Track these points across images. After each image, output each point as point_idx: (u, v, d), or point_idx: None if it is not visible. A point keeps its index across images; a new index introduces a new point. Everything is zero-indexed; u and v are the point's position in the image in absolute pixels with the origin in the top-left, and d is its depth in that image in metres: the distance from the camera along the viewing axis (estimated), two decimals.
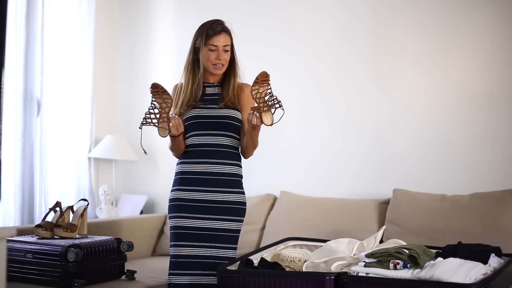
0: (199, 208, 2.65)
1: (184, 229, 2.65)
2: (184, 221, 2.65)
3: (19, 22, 3.77)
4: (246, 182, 2.90)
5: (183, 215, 2.65)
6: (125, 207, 4.26)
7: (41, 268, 2.73)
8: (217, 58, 2.66)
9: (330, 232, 3.24)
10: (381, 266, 2.27)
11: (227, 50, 2.69)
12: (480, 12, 3.29)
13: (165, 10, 4.42)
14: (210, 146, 2.68)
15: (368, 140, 3.59)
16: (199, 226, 2.64)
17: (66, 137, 4.11)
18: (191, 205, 2.65)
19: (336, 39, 3.72)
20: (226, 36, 2.69)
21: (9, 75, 3.72)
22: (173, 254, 2.66)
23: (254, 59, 3.94)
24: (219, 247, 2.64)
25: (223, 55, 2.67)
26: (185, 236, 2.64)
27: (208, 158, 2.66)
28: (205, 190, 2.65)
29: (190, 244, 2.63)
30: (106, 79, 4.50)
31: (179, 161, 2.74)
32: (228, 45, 2.69)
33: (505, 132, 3.20)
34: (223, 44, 2.66)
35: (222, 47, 2.66)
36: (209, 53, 2.66)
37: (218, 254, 2.64)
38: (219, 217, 2.65)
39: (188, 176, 2.68)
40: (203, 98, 2.71)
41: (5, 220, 3.72)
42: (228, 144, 2.70)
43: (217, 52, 2.66)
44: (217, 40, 2.66)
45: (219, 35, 2.66)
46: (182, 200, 2.67)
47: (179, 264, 2.63)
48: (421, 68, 3.44)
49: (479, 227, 2.94)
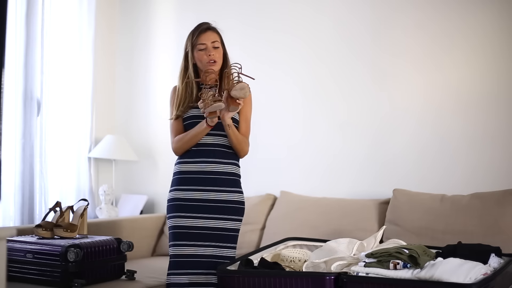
0: (198, 208, 2.65)
1: (183, 229, 2.65)
2: (183, 220, 2.65)
3: (19, 22, 3.77)
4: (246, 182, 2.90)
5: (182, 215, 2.65)
6: (125, 207, 4.26)
7: (41, 268, 2.72)
8: (208, 56, 2.67)
9: (330, 232, 3.24)
10: (381, 266, 2.27)
11: (217, 46, 2.69)
12: (480, 13, 3.29)
13: (165, 10, 4.42)
14: (209, 146, 2.68)
15: (368, 140, 3.59)
16: (199, 226, 2.64)
17: (66, 137, 4.11)
18: (190, 204, 2.65)
19: (336, 40, 3.72)
20: (213, 33, 2.71)
21: (9, 75, 3.72)
22: (173, 254, 2.66)
23: (254, 59, 3.95)
24: (219, 246, 2.64)
25: (213, 51, 2.67)
26: (185, 236, 2.64)
27: (207, 157, 2.67)
28: (204, 190, 2.65)
29: (190, 243, 2.64)
30: (106, 79, 4.50)
31: (178, 161, 2.74)
32: (217, 41, 2.70)
33: (505, 132, 3.20)
34: (211, 40, 2.68)
35: (210, 43, 2.67)
36: (200, 53, 2.68)
37: (218, 253, 2.64)
38: (219, 216, 2.65)
39: (186, 175, 2.68)
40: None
41: (5, 220, 3.72)
42: (226, 144, 2.70)
43: (207, 50, 2.67)
44: (204, 38, 2.67)
45: (205, 33, 2.69)
46: (181, 199, 2.67)
47: (179, 264, 2.63)
48: (421, 69, 3.44)
49: (479, 227, 2.94)
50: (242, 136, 2.71)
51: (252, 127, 2.85)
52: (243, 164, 2.82)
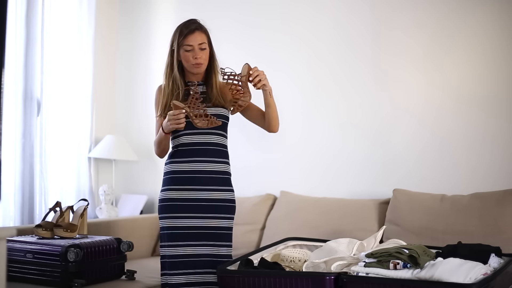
0: (192, 207, 2.64)
1: (177, 229, 2.64)
2: (177, 221, 2.64)
3: (19, 22, 3.77)
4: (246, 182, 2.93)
5: (176, 215, 2.64)
6: (125, 207, 4.26)
7: (41, 268, 2.72)
8: (195, 58, 2.63)
9: (330, 232, 3.24)
10: (381, 266, 2.27)
11: (204, 48, 2.65)
12: (480, 12, 3.29)
13: (165, 11, 4.42)
14: (200, 145, 2.66)
15: (368, 140, 3.59)
16: (193, 226, 2.63)
17: (66, 137, 4.12)
18: (183, 204, 2.64)
19: (336, 39, 3.72)
20: (201, 34, 2.66)
21: (9, 75, 3.72)
22: (168, 255, 2.65)
23: (254, 58, 3.94)
24: (215, 245, 2.64)
25: (199, 54, 2.64)
26: (179, 236, 2.63)
27: (198, 156, 2.65)
28: (197, 189, 2.64)
29: (186, 243, 2.63)
30: (106, 79, 4.51)
31: (168, 161, 2.72)
32: (204, 43, 2.65)
33: (505, 132, 3.20)
34: (198, 42, 2.63)
35: (197, 45, 2.63)
36: (186, 54, 2.64)
37: (214, 252, 2.63)
38: (213, 215, 2.64)
39: (178, 175, 2.66)
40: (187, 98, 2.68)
41: (5, 220, 3.72)
42: (217, 142, 2.69)
43: (193, 51, 2.63)
44: (191, 39, 2.63)
45: (192, 34, 2.63)
46: (174, 200, 2.66)
47: (174, 264, 2.62)
48: (421, 68, 3.44)
49: (479, 227, 2.94)
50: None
51: (252, 127, 2.85)
52: (243, 164, 2.82)
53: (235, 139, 3.68)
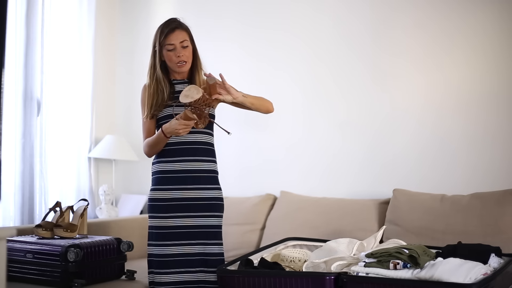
0: (182, 207, 2.64)
1: (167, 229, 2.64)
2: (166, 221, 2.64)
3: (19, 22, 3.76)
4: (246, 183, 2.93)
5: (165, 215, 2.65)
6: (125, 207, 4.26)
7: (41, 268, 2.72)
8: (177, 56, 2.63)
9: (330, 232, 3.24)
10: (381, 266, 2.27)
11: (186, 46, 2.65)
12: (480, 12, 3.29)
13: (165, 11, 4.41)
14: (187, 144, 2.66)
15: (368, 140, 3.59)
16: (184, 225, 2.63)
17: (66, 137, 4.11)
18: (174, 204, 2.64)
19: (336, 39, 3.72)
20: (182, 32, 2.65)
21: (9, 75, 3.72)
22: (156, 254, 2.65)
23: (254, 58, 3.95)
24: (206, 243, 2.64)
25: (182, 52, 2.63)
26: (169, 236, 2.63)
27: (186, 155, 2.65)
28: (185, 188, 2.64)
29: (176, 243, 2.63)
30: (106, 79, 4.50)
31: (155, 160, 2.72)
32: (186, 41, 2.65)
33: (505, 132, 3.20)
34: (179, 40, 2.63)
35: (179, 44, 2.63)
36: (169, 54, 2.64)
37: (206, 251, 2.63)
38: (201, 213, 2.64)
39: (166, 175, 2.66)
40: (174, 96, 2.68)
41: (5, 220, 3.71)
42: (204, 141, 2.69)
43: (175, 50, 2.63)
44: (172, 38, 2.62)
45: (173, 33, 2.63)
46: (163, 200, 2.66)
47: (164, 263, 2.62)
48: (421, 68, 3.44)
49: (479, 227, 2.94)
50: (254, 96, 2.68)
51: (251, 127, 2.85)
52: (243, 164, 2.82)
53: (235, 139, 3.68)
